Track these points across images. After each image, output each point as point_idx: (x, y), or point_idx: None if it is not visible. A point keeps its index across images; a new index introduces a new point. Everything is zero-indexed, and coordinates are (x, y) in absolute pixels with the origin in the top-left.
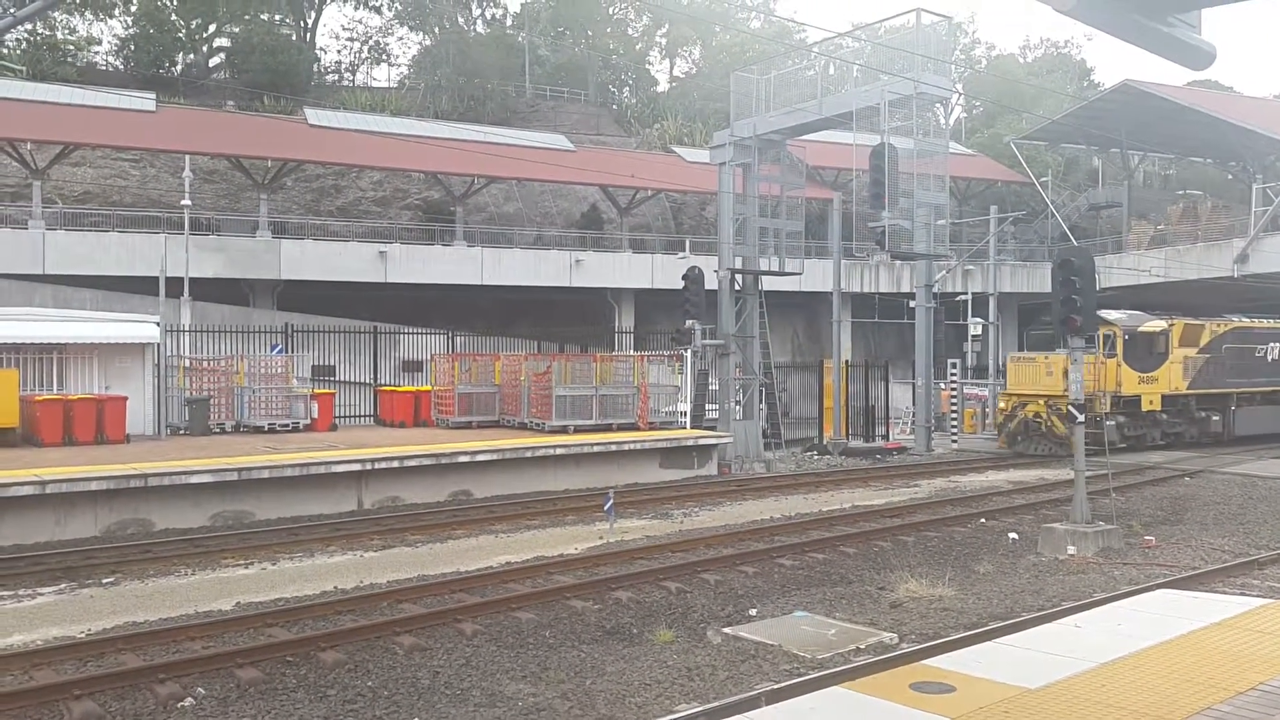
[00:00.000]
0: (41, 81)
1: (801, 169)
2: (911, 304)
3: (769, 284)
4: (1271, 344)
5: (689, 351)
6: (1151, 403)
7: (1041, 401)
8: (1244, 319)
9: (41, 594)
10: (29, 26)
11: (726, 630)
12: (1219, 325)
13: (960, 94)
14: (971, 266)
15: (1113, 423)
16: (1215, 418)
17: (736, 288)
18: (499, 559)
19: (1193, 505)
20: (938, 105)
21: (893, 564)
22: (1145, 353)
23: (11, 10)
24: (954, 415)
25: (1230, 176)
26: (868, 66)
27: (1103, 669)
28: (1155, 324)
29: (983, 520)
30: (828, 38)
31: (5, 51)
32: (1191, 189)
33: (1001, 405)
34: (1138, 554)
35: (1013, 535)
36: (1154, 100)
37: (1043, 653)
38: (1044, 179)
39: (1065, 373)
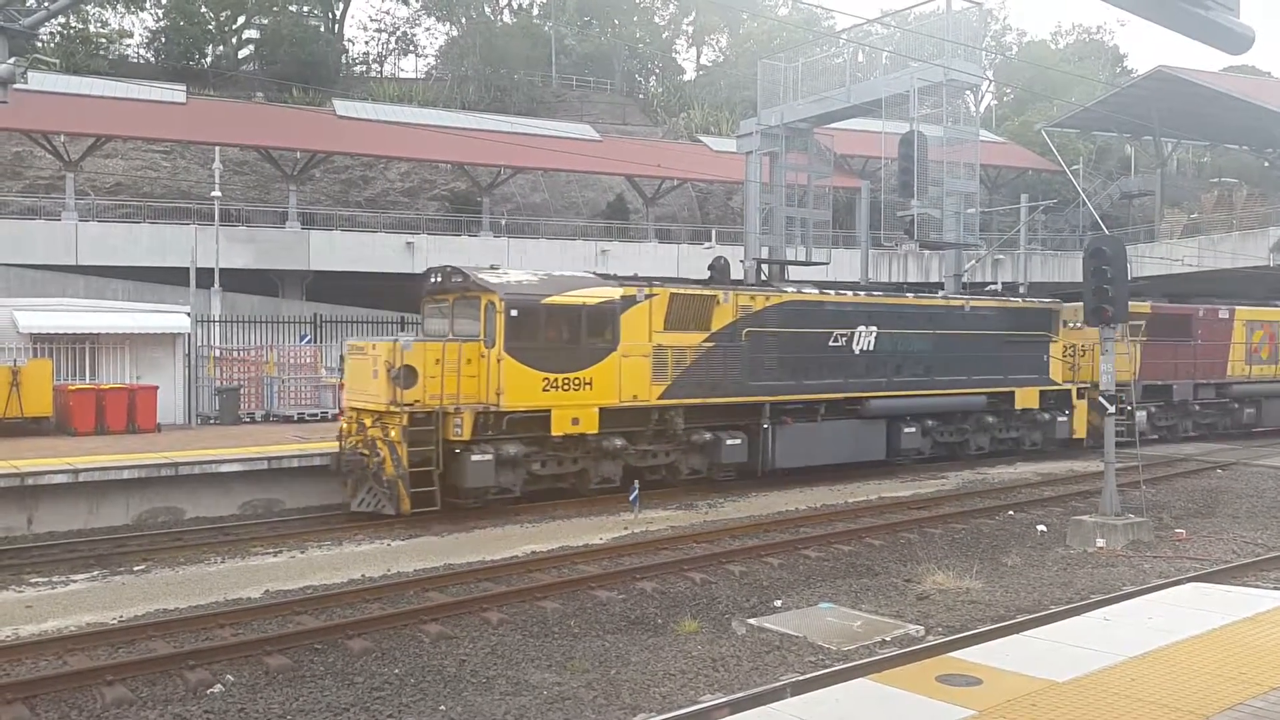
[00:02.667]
0: (74, 75)
1: (829, 157)
2: (940, 294)
3: (796, 274)
4: (859, 328)
5: None
6: (577, 422)
7: (370, 419)
8: (811, 290)
9: (75, 581)
10: (62, 20)
11: (751, 621)
12: (756, 297)
13: (991, 81)
14: (1002, 256)
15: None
16: (734, 442)
17: (763, 278)
18: (524, 548)
19: (1225, 498)
20: (968, 92)
21: (919, 556)
22: (559, 340)
23: (45, 4)
24: None
25: (1267, 164)
26: (897, 53)
27: (1132, 663)
28: (586, 293)
29: (1010, 512)
30: (856, 24)
31: (39, 45)
32: (1226, 176)
33: (343, 425)
34: (1168, 547)
35: (1041, 528)
36: (1188, 86)
37: (1071, 646)
38: (1075, 167)
39: (390, 372)
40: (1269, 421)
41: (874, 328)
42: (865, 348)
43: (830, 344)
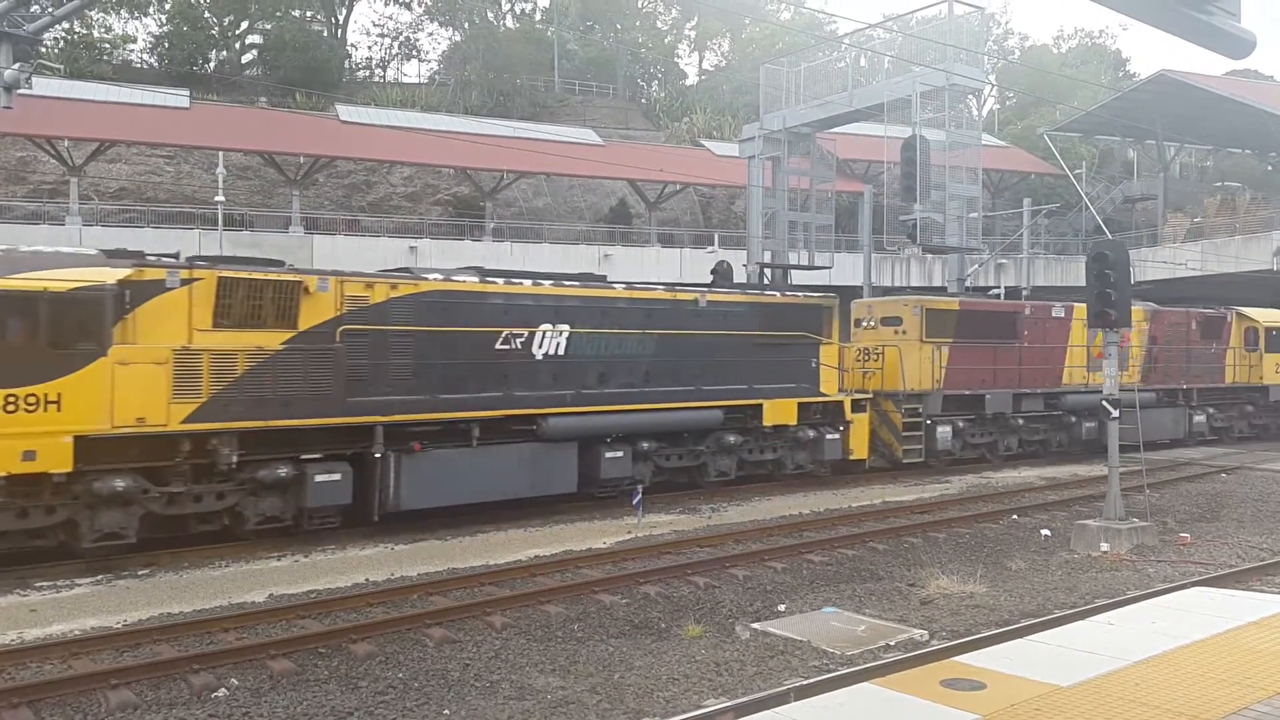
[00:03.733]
0: (78, 80)
1: (831, 162)
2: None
3: (798, 278)
4: (544, 327)
5: None
6: (33, 457)
7: None
8: (468, 277)
9: (79, 585)
10: (66, 25)
11: (755, 626)
12: (374, 285)
13: (993, 85)
14: (1005, 260)
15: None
16: (329, 478)
17: (765, 282)
18: (528, 552)
19: (1229, 502)
20: (970, 97)
21: (923, 560)
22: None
23: (49, 10)
24: None
25: (1270, 168)
26: (899, 58)
27: (1136, 667)
28: (53, 275)
29: (1015, 516)
30: (858, 29)
31: (43, 50)
32: (1229, 180)
33: None
34: (1172, 551)
35: (1045, 532)
36: (1191, 90)
37: (1075, 650)
38: (1078, 171)
39: None
40: (1120, 436)
41: (565, 326)
42: (552, 352)
43: (497, 347)
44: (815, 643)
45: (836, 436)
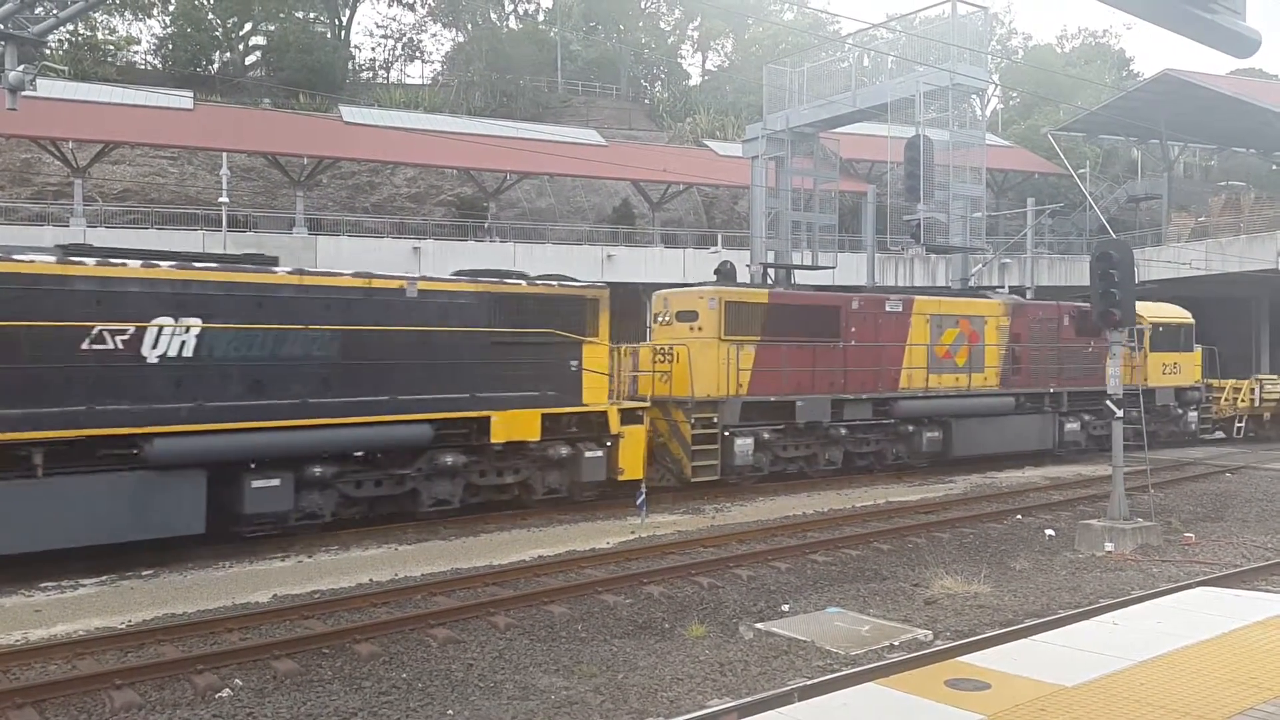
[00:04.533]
0: (82, 81)
1: (835, 162)
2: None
3: (802, 278)
4: (160, 321)
5: None
6: None
7: None
8: (41, 257)
9: (84, 585)
10: (70, 27)
11: (759, 626)
12: None
13: (997, 85)
14: (1008, 260)
15: None
16: None
17: (769, 282)
18: (531, 552)
19: (1234, 502)
20: (974, 96)
21: (927, 560)
22: None
23: (54, 12)
24: None
25: (1275, 167)
26: (902, 58)
27: (1141, 667)
28: None
29: (1019, 516)
30: (862, 29)
31: (48, 52)
32: (1234, 180)
33: None
34: (1177, 551)
35: (1049, 532)
36: (1195, 90)
37: (1080, 650)
38: (1082, 171)
39: None
40: (964, 447)
41: (195, 321)
42: (174, 353)
43: (84, 347)
44: (819, 643)
45: (599, 454)
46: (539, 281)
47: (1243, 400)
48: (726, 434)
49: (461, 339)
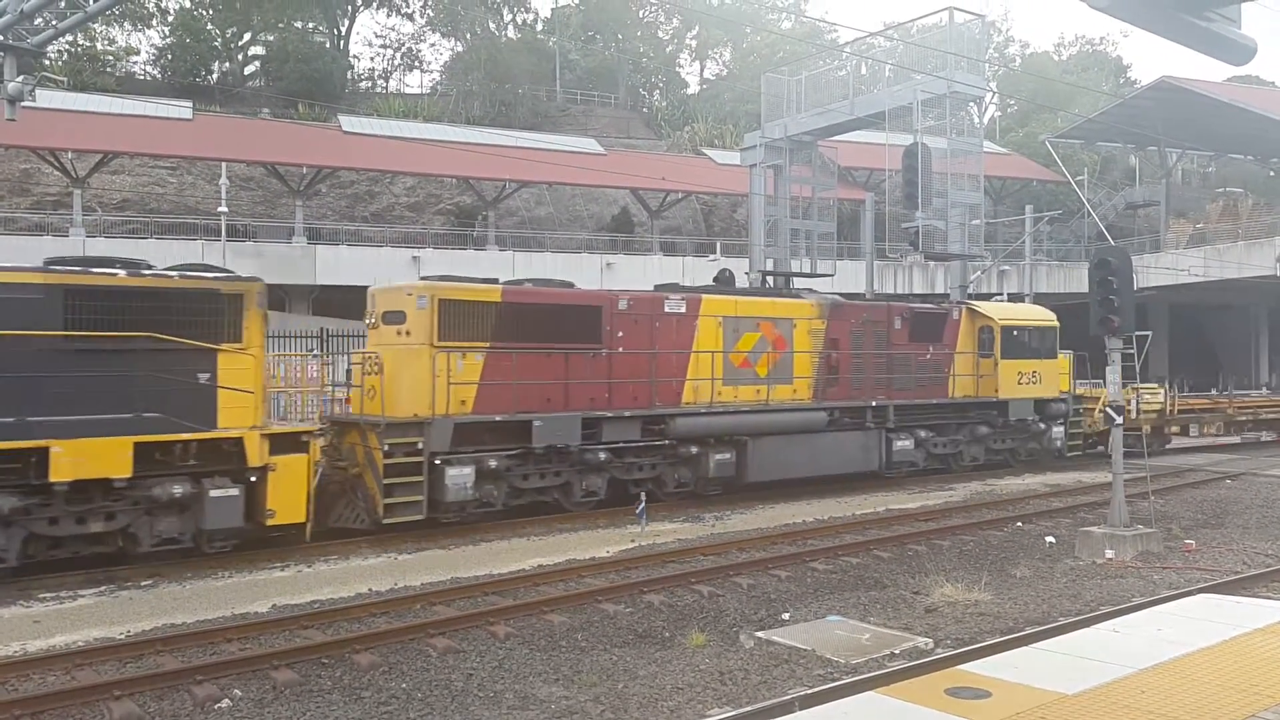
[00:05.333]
0: (82, 92)
1: (833, 170)
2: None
3: (801, 286)
4: None
5: None
6: None
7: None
8: None
9: (83, 595)
10: (70, 38)
11: (759, 634)
12: None
13: (994, 92)
14: (1007, 267)
15: None
16: None
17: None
18: (531, 561)
19: (1235, 508)
20: (971, 104)
21: (927, 568)
22: None
23: (53, 23)
24: None
25: (1272, 173)
26: (900, 66)
27: (1142, 674)
28: None
29: (1019, 524)
30: (859, 37)
31: (47, 63)
32: (1231, 186)
33: None
34: (1177, 558)
35: (1050, 539)
36: (1192, 97)
37: (1080, 658)
38: (1080, 178)
39: None
40: (762, 470)
41: None
42: None
43: None
44: (820, 651)
45: (233, 493)
46: (151, 273)
47: None
48: (438, 462)
49: (9, 346)
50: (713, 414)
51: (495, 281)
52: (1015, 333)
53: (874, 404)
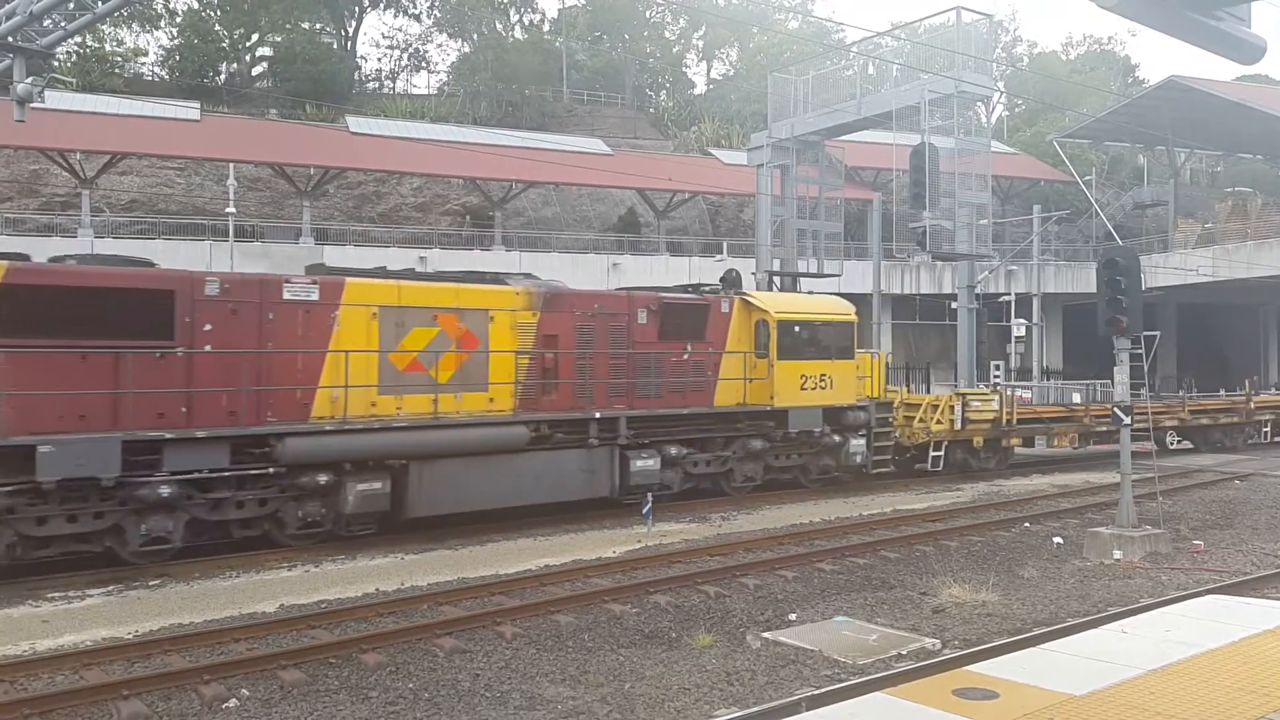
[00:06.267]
0: (90, 93)
1: (840, 170)
2: (953, 305)
3: (808, 286)
4: None
5: None
6: None
7: None
8: None
9: (91, 595)
10: (78, 39)
11: (766, 635)
12: None
13: (1002, 92)
14: (1015, 267)
15: None
16: None
17: (775, 290)
18: (537, 562)
19: (1243, 509)
20: (979, 104)
21: (935, 569)
22: None
23: (62, 24)
24: None
25: None
26: (907, 66)
27: (1151, 676)
28: None
29: (1027, 524)
30: (866, 37)
31: (56, 64)
32: (1240, 186)
33: None
34: (1186, 559)
35: (1057, 539)
36: (1201, 96)
37: (1089, 659)
38: (1088, 177)
39: None
40: (433, 503)
41: None
42: None
43: None
44: (827, 652)
45: None
46: None
47: (939, 422)
48: None
49: None
50: (348, 431)
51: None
52: (797, 329)
53: (598, 415)
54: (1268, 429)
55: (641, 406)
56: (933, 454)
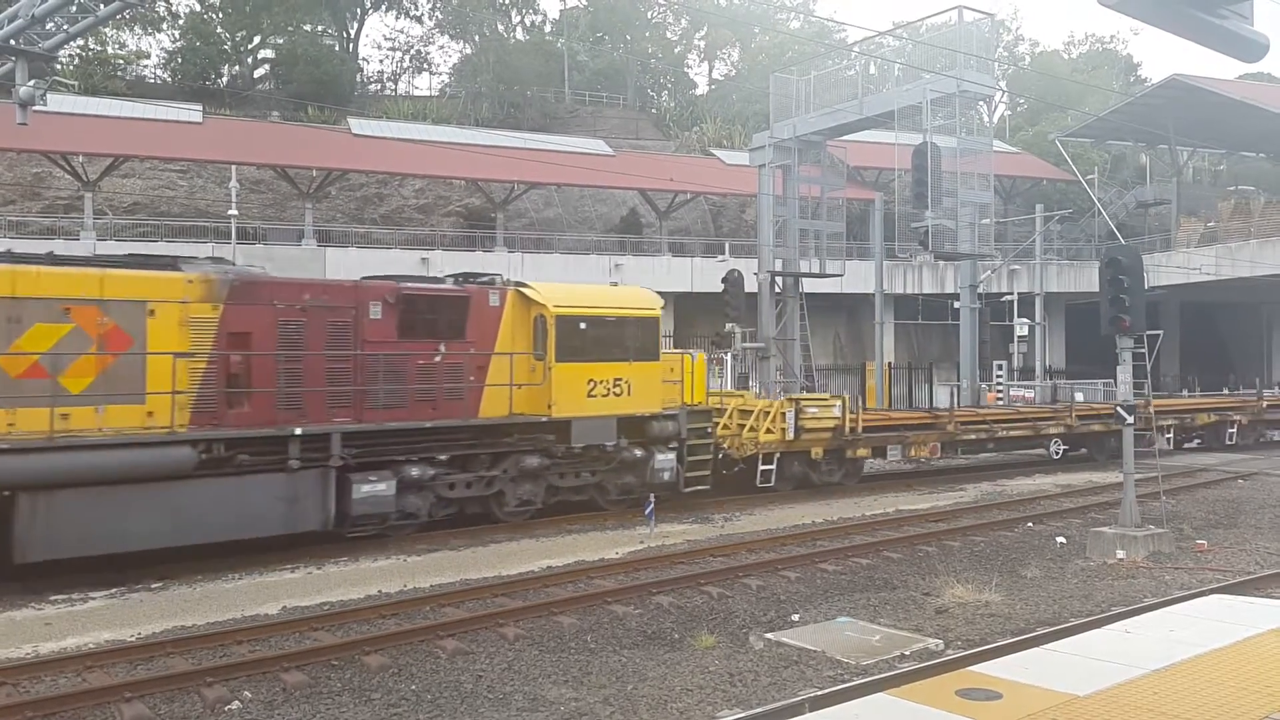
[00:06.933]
0: (92, 95)
1: (842, 169)
2: (956, 305)
3: (810, 286)
4: None
5: (729, 355)
6: None
7: None
8: None
9: (94, 598)
10: (80, 42)
11: (769, 636)
12: None
13: (1004, 91)
14: (1017, 266)
15: None
16: None
17: (777, 290)
18: (540, 563)
19: (1247, 508)
20: (981, 103)
21: (938, 569)
22: None
23: (64, 27)
24: None
25: None
26: (909, 65)
27: (1154, 676)
28: None
29: (1030, 524)
30: (868, 37)
31: (58, 67)
32: (1243, 184)
33: None
34: (1189, 558)
35: (1060, 539)
36: (1204, 95)
37: (1092, 659)
38: (1090, 176)
39: None
40: (62, 542)
41: None
42: None
43: None
44: (830, 653)
45: None
46: None
47: (769, 431)
48: None
49: None
50: None
51: None
52: (583, 325)
53: (298, 432)
54: (1169, 435)
55: (373, 419)
56: (761, 468)
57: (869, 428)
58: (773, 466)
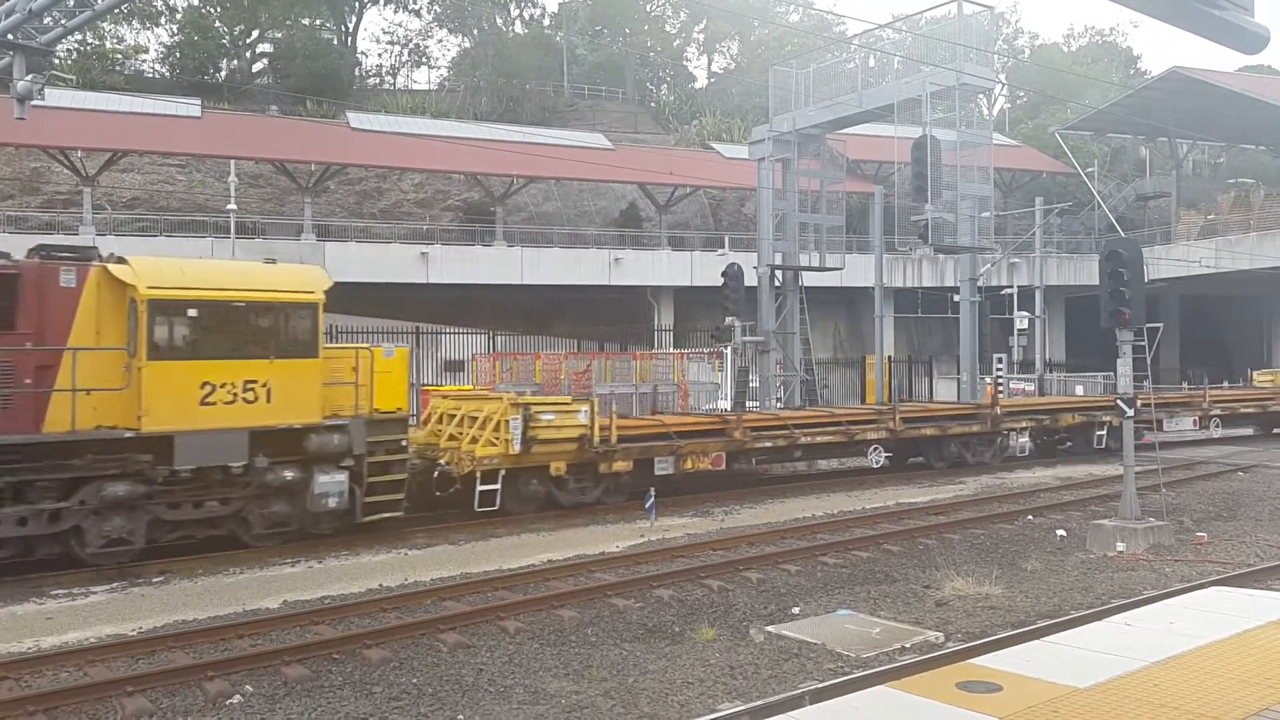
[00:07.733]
0: (91, 90)
1: (842, 163)
2: (956, 298)
3: (809, 279)
4: None
5: (729, 349)
6: None
7: None
8: None
9: (95, 592)
10: (78, 37)
11: (769, 628)
12: None
13: (1003, 84)
14: (1017, 259)
15: None
16: None
17: (776, 284)
18: (541, 556)
19: (1246, 501)
20: (981, 96)
21: (938, 562)
22: None
23: (62, 21)
24: None
25: None
26: (909, 58)
27: (1155, 668)
28: None
29: (1030, 517)
30: (868, 30)
31: (56, 61)
32: (1243, 177)
33: None
34: (1189, 551)
35: (1060, 532)
36: (1203, 87)
37: (1092, 651)
38: (1090, 169)
39: None
40: None
41: None
42: None
43: None
44: (830, 645)
45: None
46: None
47: (490, 443)
48: None
49: None
50: None
51: None
52: (192, 312)
53: None
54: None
55: None
56: (480, 489)
57: (628, 436)
58: (496, 486)
